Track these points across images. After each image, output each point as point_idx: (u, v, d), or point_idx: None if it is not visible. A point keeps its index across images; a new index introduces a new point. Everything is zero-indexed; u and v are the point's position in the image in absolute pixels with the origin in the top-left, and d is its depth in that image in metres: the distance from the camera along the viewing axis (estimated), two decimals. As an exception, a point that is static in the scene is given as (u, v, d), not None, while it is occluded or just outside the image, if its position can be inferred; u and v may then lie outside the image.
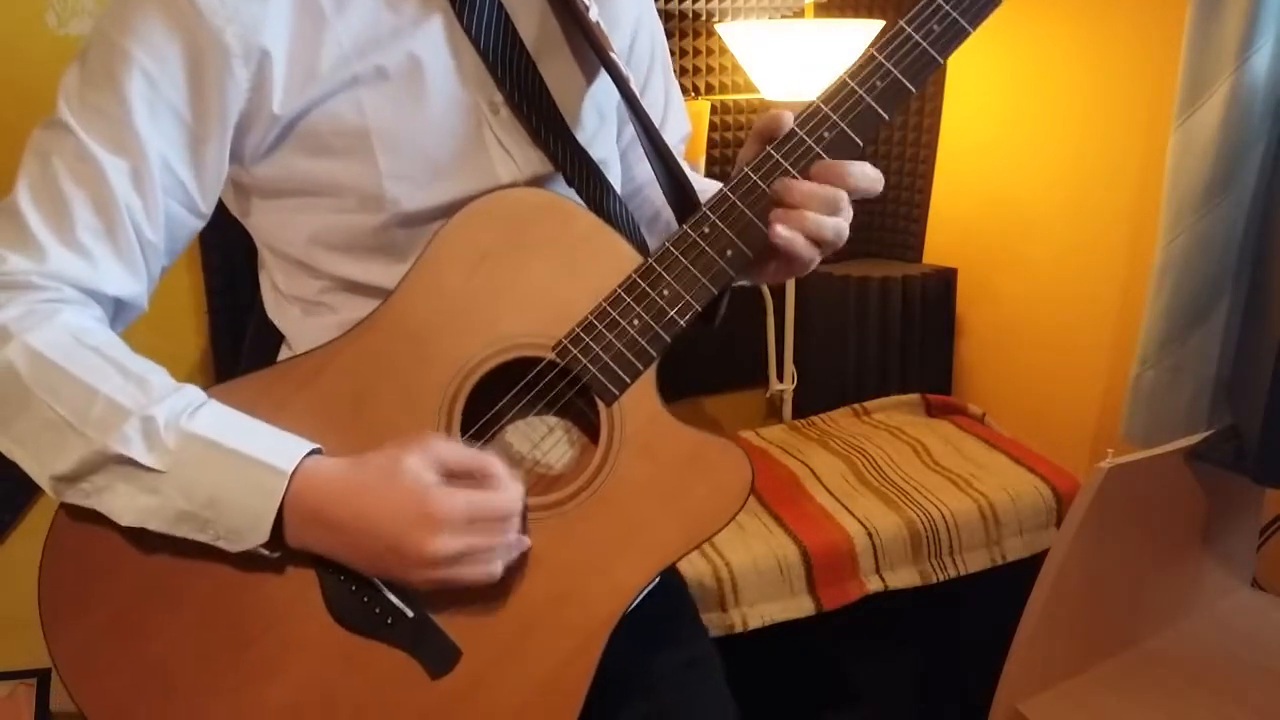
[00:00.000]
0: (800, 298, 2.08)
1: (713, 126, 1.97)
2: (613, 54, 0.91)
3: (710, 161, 1.97)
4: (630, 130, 0.99)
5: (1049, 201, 1.96)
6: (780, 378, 2.09)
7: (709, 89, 2.00)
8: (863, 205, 0.85)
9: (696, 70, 1.98)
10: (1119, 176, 1.79)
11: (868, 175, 0.83)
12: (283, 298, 0.96)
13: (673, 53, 1.94)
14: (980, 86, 2.06)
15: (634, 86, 0.93)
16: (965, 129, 2.12)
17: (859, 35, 1.74)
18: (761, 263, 0.85)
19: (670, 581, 1.06)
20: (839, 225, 0.83)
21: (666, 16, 1.93)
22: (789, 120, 0.82)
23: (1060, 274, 1.95)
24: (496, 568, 0.78)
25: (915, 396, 1.99)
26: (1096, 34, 1.80)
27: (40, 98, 0.81)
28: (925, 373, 2.09)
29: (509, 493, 0.78)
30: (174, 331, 1.66)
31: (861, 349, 2.06)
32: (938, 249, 2.18)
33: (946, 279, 2.10)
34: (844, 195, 0.82)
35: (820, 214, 0.81)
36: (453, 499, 0.76)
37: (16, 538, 1.65)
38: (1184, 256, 1.47)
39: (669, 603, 1.03)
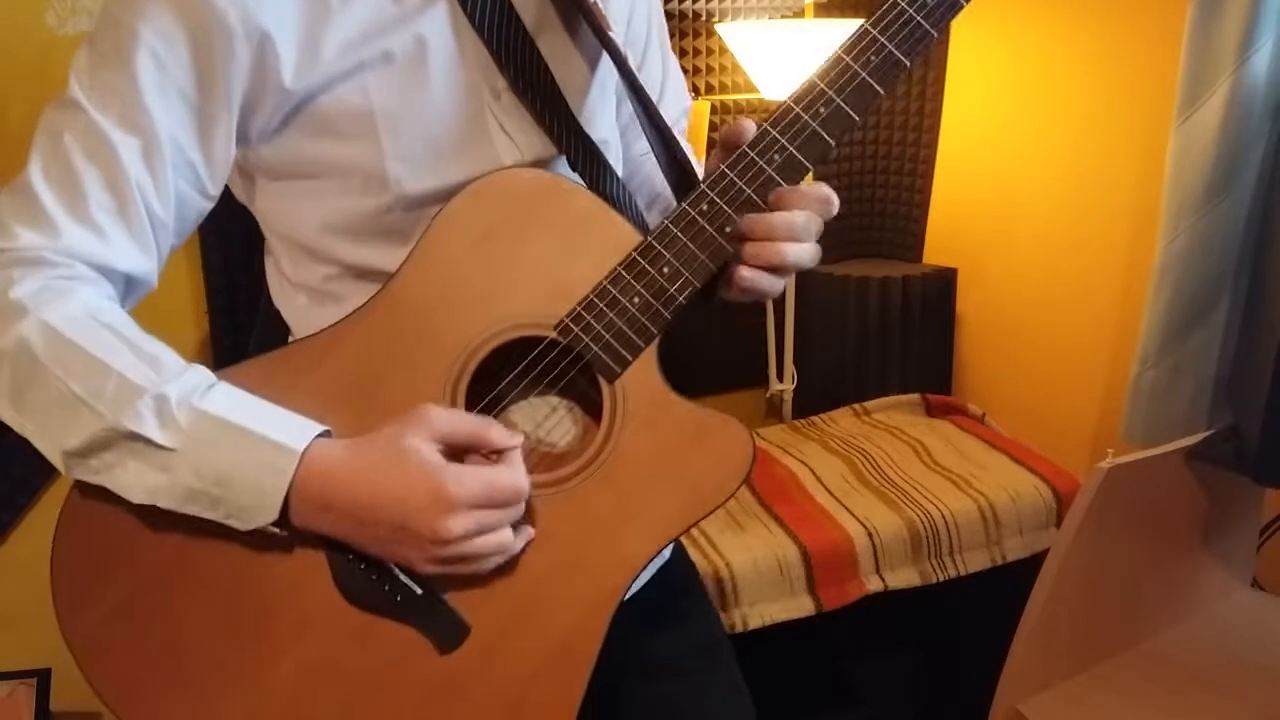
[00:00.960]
0: (800, 298, 2.08)
1: (713, 126, 1.97)
2: (611, 34, 0.91)
3: (710, 161, 1.97)
4: (629, 108, 1.00)
5: (1049, 201, 1.96)
6: (780, 378, 2.10)
7: (709, 89, 2.00)
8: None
9: (696, 70, 1.98)
10: (1119, 176, 1.79)
11: (822, 198, 0.85)
12: (288, 285, 0.96)
13: (673, 53, 1.94)
14: (980, 86, 2.06)
15: (632, 65, 0.94)
16: (965, 129, 2.12)
17: (859, 35, 1.74)
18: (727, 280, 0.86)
19: (679, 568, 1.06)
20: (801, 251, 0.84)
21: (666, 16, 1.92)
22: (750, 130, 0.84)
23: (1060, 274, 1.95)
24: (508, 537, 0.79)
25: (915, 396, 1.99)
26: (1097, 34, 1.80)
27: (40, 97, 0.81)
28: (925, 373, 2.08)
29: (517, 468, 0.79)
30: (174, 332, 1.66)
31: (861, 349, 2.06)
32: (937, 249, 2.18)
33: (946, 279, 2.10)
34: (805, 220, 0.84)
35: (784, 243, 0.83)
36: (469, 479, 0.76)
37: (16, 538, 1.65)
38: (1184, 256, 1.47)
39: (678, 589, 1.03)
